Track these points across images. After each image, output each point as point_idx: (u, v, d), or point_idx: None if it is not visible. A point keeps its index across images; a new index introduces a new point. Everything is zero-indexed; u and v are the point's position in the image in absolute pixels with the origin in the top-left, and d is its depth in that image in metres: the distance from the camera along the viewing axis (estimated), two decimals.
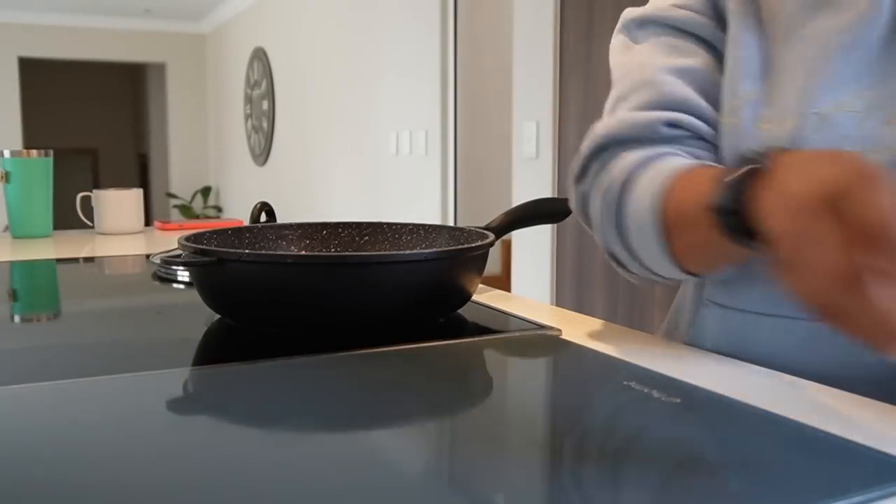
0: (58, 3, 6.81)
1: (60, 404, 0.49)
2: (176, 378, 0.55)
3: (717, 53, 0.66)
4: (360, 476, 0.38)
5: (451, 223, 3.45)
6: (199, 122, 7.86)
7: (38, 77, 8.63)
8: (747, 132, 0.60)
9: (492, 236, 0.74)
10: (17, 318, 0.77)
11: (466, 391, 0.53)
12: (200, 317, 0.71)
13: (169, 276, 0.95)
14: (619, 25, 0.73)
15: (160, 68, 7.97)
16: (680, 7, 0.68)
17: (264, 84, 5.95)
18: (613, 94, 0.68)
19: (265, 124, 5.98)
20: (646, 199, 0.59)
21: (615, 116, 0.65)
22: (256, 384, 0.53)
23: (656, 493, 0.37)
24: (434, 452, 0.43)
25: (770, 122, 0.59)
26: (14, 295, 0.92)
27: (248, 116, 6.44)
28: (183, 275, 0.93)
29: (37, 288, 0.99)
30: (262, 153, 6.08)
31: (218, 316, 0.70)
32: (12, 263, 1.11)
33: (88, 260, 1.21)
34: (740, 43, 0.62)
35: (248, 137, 6.46)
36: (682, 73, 0.65)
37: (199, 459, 0.40)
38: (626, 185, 0.61)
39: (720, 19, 0.66)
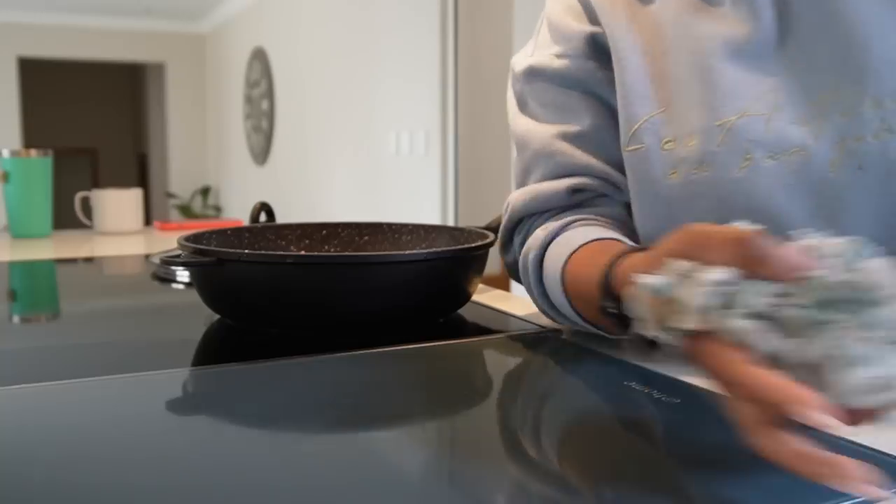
0: (58, 3, 6.81)
1: (60, 404, 0.49)
2: (176, 378, 0.55)
3: (603, 101, 0.67)
4: (361, 476, 0.38)
5: (451, 223, 3.45)
6: (199, 122, 7.86)
7: (37, 77, 8.63)
8: (653, 156, 0.60)
9: (492, 236, 0.74)
10: (16, 318, 0.77)
11: (466, 391, 0.53)
12: (200, 317, 0.71)
13: (169, 276, 0.95)
14: (510, 78, 0.73)
15: (160, 68, 7.97)
16: (561, 56, 0.68)
17: (264, 84, 5.95)
18: (519, 166, 0.70)
19: (265, 124, 5.98)
20: (555, 275, 0.60)
21: (525, 190, 0.68)
22: (256, 384, 0.53)
23: (656, 493, 0.37)
24: (434, 452, 0.43)
25: (673, 141, 0.59)
26: (13, 295, 0.92)
27: (247, 116, 6.44)
28: (183, 275, 0.93)
29: (36, 288, 0.99)
30: (262, 153, 6.08)
31: (218, 316, 0.70)
32: (11, 263, 1.11)
33: (88, 260, 1.21)
34: (626, 66, 0.62)
35: (248, 137, 6.46)
36: (575, 139, 0.66)
37: (199, 460, 0.40)
38: (541, 260, 0.63)
39: (602, 54, 0.66)
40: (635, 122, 0.62)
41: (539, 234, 0.65)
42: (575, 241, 0.60)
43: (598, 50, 0.66)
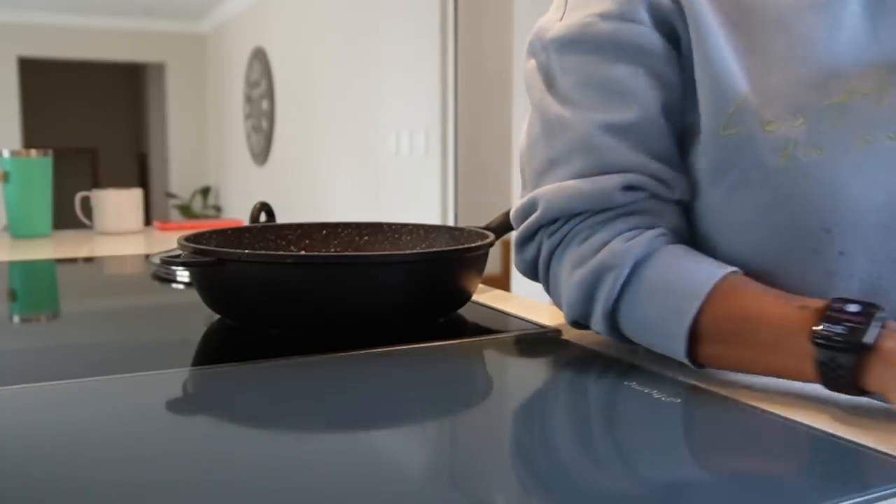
0: (58, 3, 6.81)
1: (60, 404, 0.49)
2: (176, 378, 0.55)
3: (664, 81, 0.58)
4: (361, 476, 0.38)
5: (451, 223, 3.45)
6: (199, 122, 7.86)
7: (38, 77, 8.63)
8: (757, 139, 0.54)
9: (492, 236, 0.74)
10: (16, 318, 0.77)
11: (466, 391, 0.53)
12: (200, 317, 0.71)
13: (169, 276, 0.95)
14: (532, 43, 0.63)
15: (160, 68, 7.97)
16: (610, 17, 0.58)
17: (264, 84, 5.95)
18: (545, 154, 0.60)
19: (265, 124, 5.98)
20: (672, 305, 0.53)
21: (563, 186, 0.58)
22: (256, 384, 0.53)
23: (656, 493, 0.37)
24: (434, 452, 0.43)
25: (775, 121, 0.54)
26: (14, 295, 0.92)
27: (247, 116, 6.44)
28: (183, 275, 0.93)
29: (36, 288, 0.99)
30: (262, 153, 6.08)
31: (218, 316, 0.70)
32: (12, 263, 1.11)
33: (88, 260, 1.21)
34: (713, 43, 0.55)
35: (248, 137, 6.46)
36: (623, 133, 0.58)
37: (199, 459, 0.40)
38: (628, 279, 0.55)
39: (665, 25, 0.58)
40: (731, 103, 0.55)
41: (617, 246, 0.56)
42: (694, 276, 0.53)
43: (661, 19, 0.57)
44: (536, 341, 0.65)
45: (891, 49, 0.53)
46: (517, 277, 2.83)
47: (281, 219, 1.05)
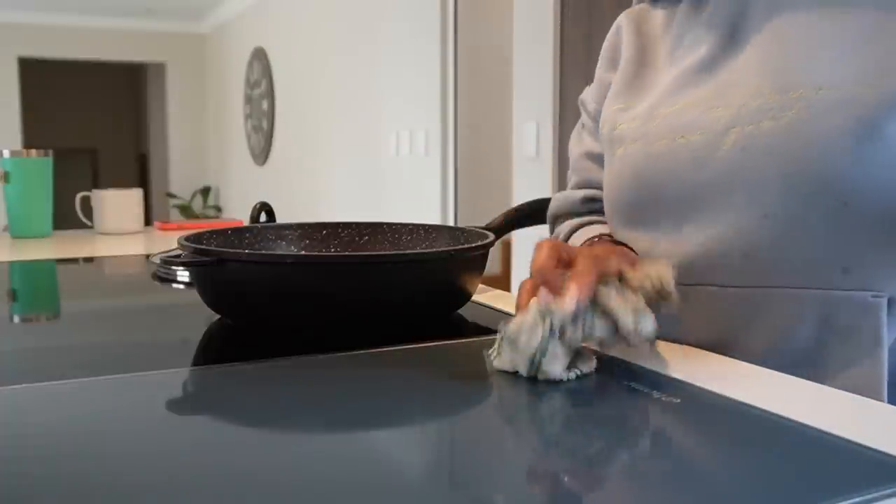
0: (58, 3, 6.81)
1: (60, 404, 0.49)
2: (176, 378, 0.55)
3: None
4: (361, 476, 0.38)
5: (451, 223, 3.45)
6: (199, 122, 7.86)
7: (38, 77, 8.63)
8: (610, 134, 0.77)
9: (492, 236, 0.74)
10: (16, 318, 0.77)
11: (466, 391, 0.53)
12: (200, 317, 0.71)
13: (169, 276, 0.95)
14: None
15: (160, 68, 7.97)
16: (591, 102, 0.88)
17: (264, 84, 5.95)
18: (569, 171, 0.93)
19: (265, 124, 5.98)
20: None
21: (560, 194, 0.91)
22: (256, 384, 0.53)
23: (656, 493, 0.37)
24: (434, 452, 0.43)
25: (624, 124, 0.75)
26: (14, 295, 0.92)
27: (247, 116, 6.44)
28: (183, 275, 0.93)
29: (36, 288, 0.99)
30: (262, 153, 6.08)
31: (218, 316, 0.70)
32: (12, 263, 1.11)
33: (88, 260, 1.21)
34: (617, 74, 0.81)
35: (248, 137, 6.46)
36: (594, 158, 0.86)
37: (199, 459, 0.40)
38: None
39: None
40: (602, 113, 0.80)
41: (565, 227, 0.86)
42: (590, 234, 0.79)
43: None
44: None
45: (704, 86, 0.69)
46: (517, 277, 2.83)
47: (281, 219, 1.05)
